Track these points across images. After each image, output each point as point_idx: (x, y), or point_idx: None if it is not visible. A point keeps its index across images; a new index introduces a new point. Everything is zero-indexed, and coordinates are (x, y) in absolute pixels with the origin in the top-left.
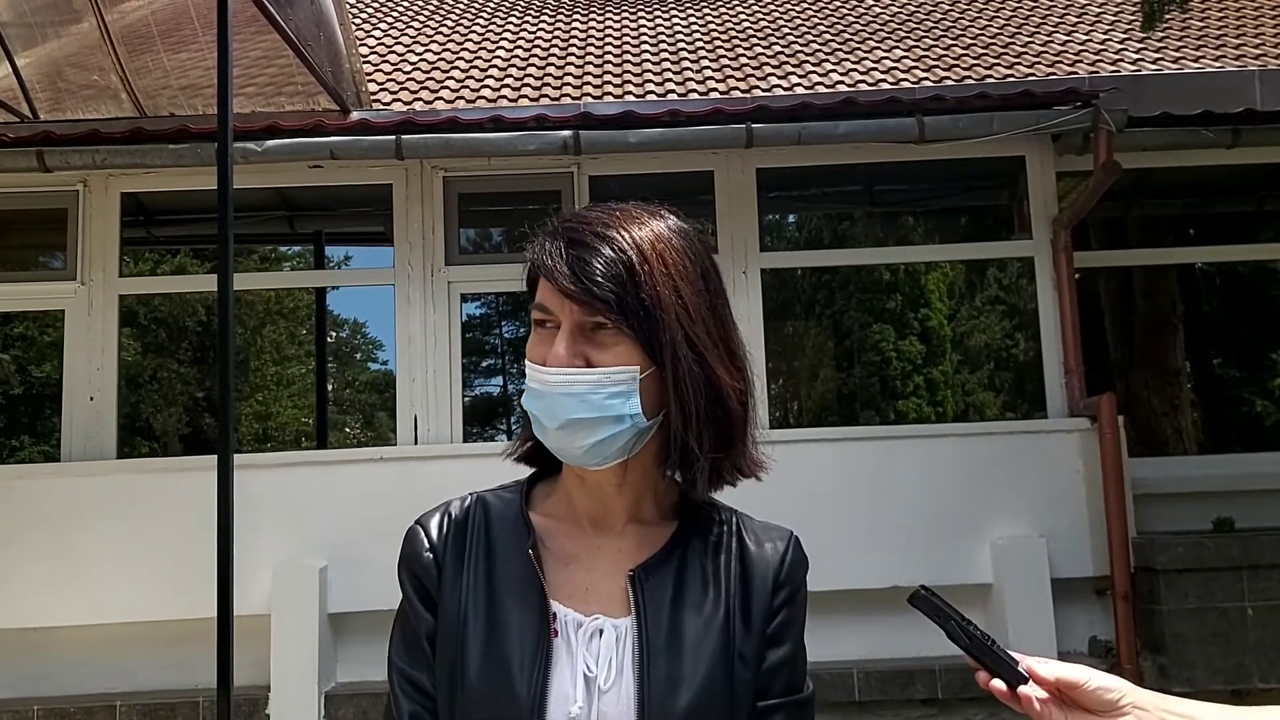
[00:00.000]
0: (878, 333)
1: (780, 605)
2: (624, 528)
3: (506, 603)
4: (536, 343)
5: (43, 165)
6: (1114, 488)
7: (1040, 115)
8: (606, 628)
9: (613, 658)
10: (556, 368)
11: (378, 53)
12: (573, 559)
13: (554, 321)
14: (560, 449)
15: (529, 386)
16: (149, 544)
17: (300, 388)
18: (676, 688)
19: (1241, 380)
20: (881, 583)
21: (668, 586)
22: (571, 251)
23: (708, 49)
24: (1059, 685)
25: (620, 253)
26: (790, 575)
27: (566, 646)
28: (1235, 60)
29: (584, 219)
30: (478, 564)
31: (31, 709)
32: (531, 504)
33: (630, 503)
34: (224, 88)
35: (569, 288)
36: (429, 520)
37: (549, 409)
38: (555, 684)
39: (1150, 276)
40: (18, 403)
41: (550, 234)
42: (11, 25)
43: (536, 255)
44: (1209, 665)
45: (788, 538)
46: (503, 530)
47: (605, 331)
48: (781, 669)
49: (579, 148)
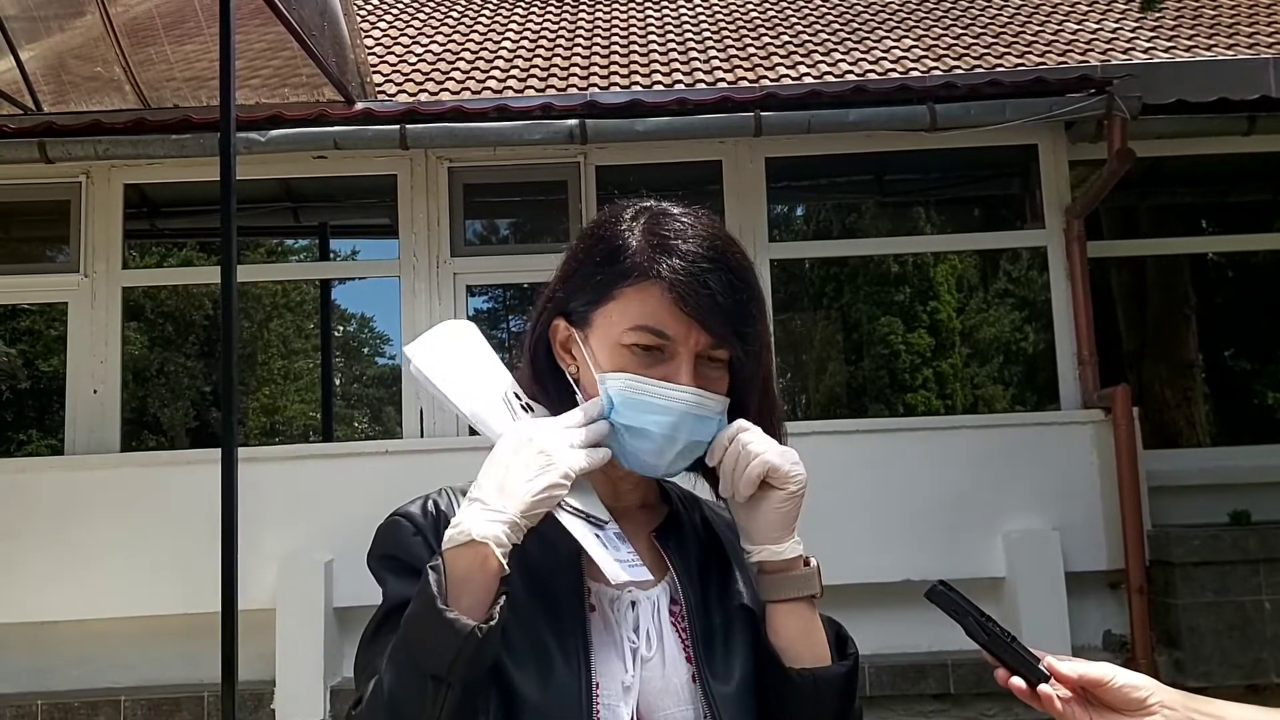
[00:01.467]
0: (887, 325)
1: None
2: (634, 512)
3: (532, 587)
4: (638, 363)
5: (45, 156)
6: (1128, 480)
7: (1053, 102)
8: (640, 599)
9: (650, 628)
10: (691, 389)
11: (383, 44)
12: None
13: (666, 348)
14: (658, 464)
15: (639, 400)
16: (153, 538)
17: (307, 381)
18: (712, 636)
19: (1255, 372)
20: (892, 576)
21: (685, 547)
22: (704, 273)
23: (715, 40)
24: (1082, 683)
25: (743, 281)
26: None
27: (604, 622)
28: (1249, 48)
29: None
30: None
31: (35, 704)
32: None
33: (642, 493)
34: (226, 77)
35: (711, 320)
36: (410, 509)
37: (675, 428)
38: (601, 659)
39: (1163, 266)
40: (25, 397)
41: (659, 237)
42: (16, 19)
43: (652, 264)
44: (1225, 660)
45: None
46: None
47: (712, 363)
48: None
49: (585, 137)
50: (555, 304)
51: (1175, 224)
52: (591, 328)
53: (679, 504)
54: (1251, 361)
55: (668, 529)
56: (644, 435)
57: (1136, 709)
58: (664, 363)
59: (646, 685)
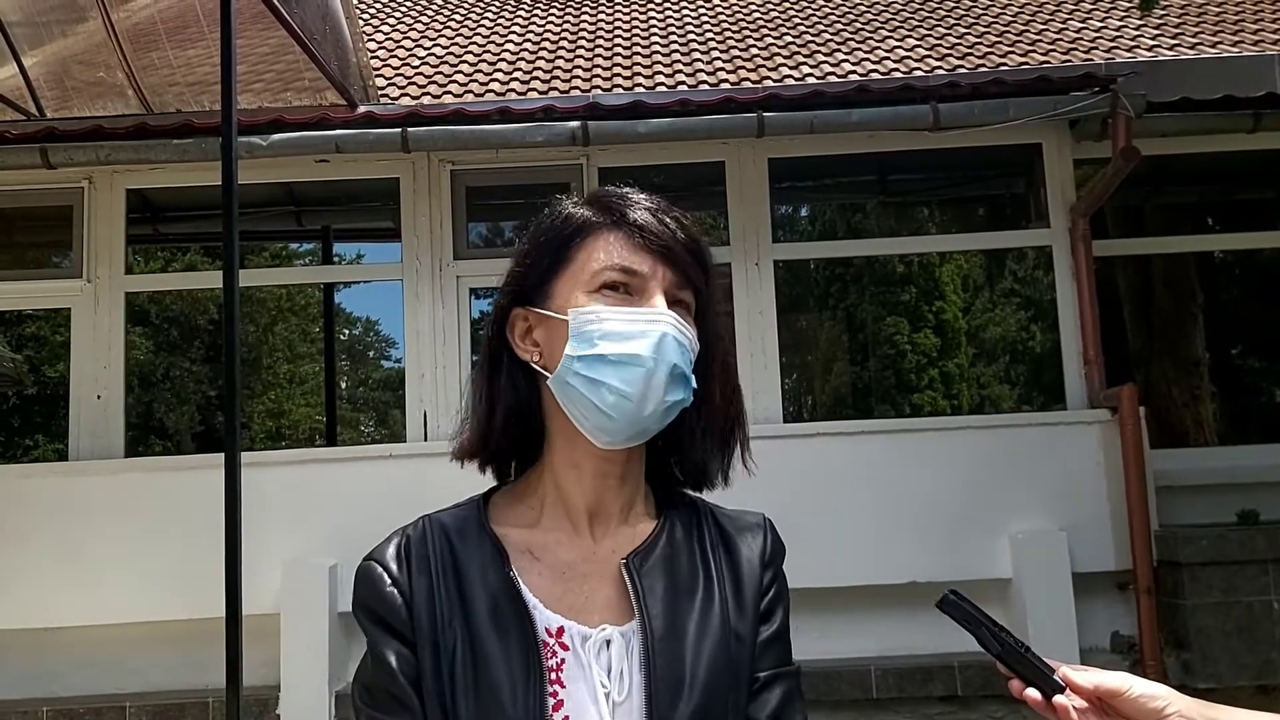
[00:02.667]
0: (892, 326)
1: (770, 582)
2: (616, 528)
3: (486, 630)
4: (609, 301)
5: (46, 162)
6: (1135, 480)
7: (1057, 101)
8: (614, 637)
9: (624, 668)
10: (669, 311)
11: (385, 48)
12: (568, 567)
13: (634, 286)
14: (642, 402)
15: (615, 330)
16: (157, 543)
17: (312, 385)
18: (681, 686)
19: (1262, 370)
20: (899, 578)
21: (661, 574)
22: (665, 218)
23: (717, 40)
24: (1098, 693)
25: (694, 230)
26: (774, 555)
27: (578, 662)
28: (1254, 45)
29: (630, 192)
30: (449, 591)
31: (40, 709)
32: (496, 518)
33: (627, 497)
34: (228, 81)
35: (677, 253)
36: (383, 553)
37: (658, 349)
38: (573, 704)
39: (1169, 265)
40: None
41: (613, 199)
42: (19, 24)
43: (606, 215)
44: (1234, 661)
45: (764, 521)
46: (469, 552)
47: (680, 307)
48: (775, 642)
49: (587, 139)
50: (508, 298)
51: (1181, 222)
52: (552, 297)
53: (672, 515)
54: (1259, 360)
55: (644, 553)
56: (625, 364)
57: (1154, 719)
58: (635, 303)
59: None
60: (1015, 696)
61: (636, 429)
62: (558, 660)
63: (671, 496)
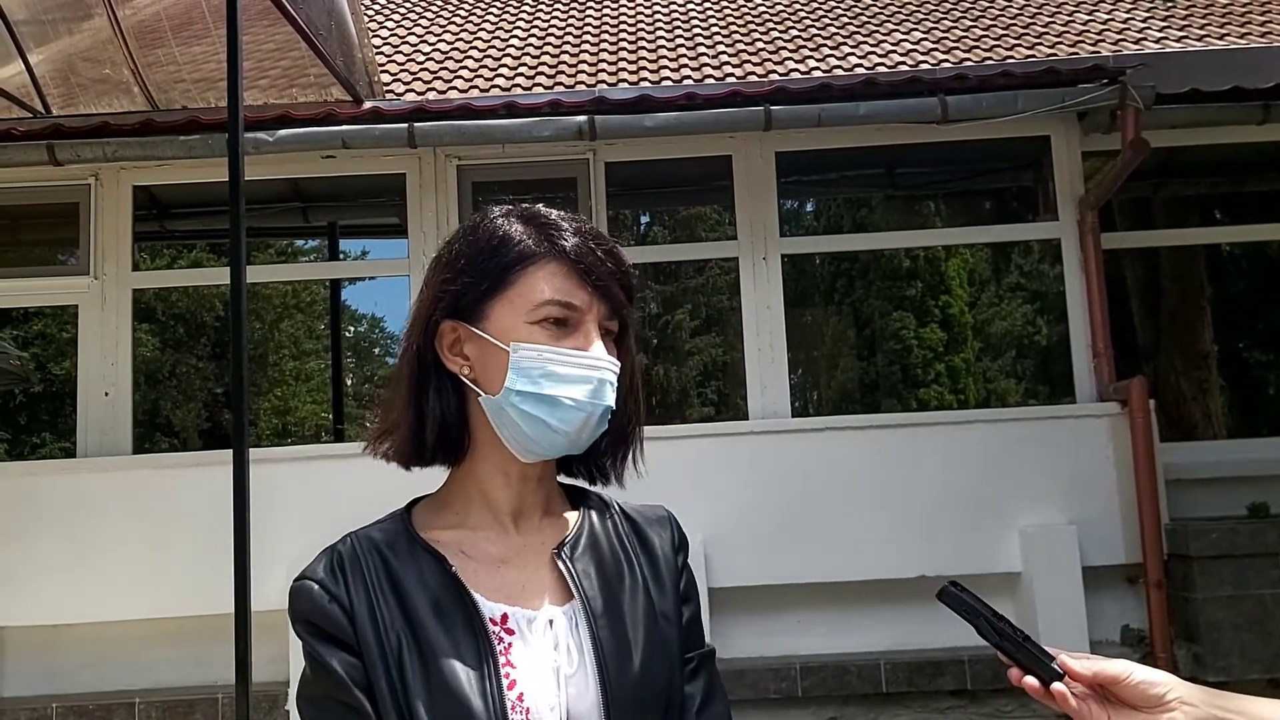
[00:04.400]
0: (898, 320)
1: (683, 566)
2: (540, 521)
3: (433, 628)
4: (550, 337)
5: (53, 159)
6: (1145, 473)
7: (1065, 93)
8: (556, 616)
9: (569, 643)
10: (605, 356)
11: (390, 44)
12: (502, 561)
13: (571, 320)
14: (575, 438)
15: (557, 372)
16: (166, 540)
17: (319, 382)
18: (627, 655)
19: (1271, 363)
20: (908, 573)
21: (590, 560)
22: (594, 250)
23: (724, 34)
24: (1098, 680)
25: (623, 259)
26: (682, 543)
27: (524, 643)
28: (1262, 37)
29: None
30: (387, 599)
31: (50, 706)
32: (422, 525)
33: (544, 496)
34: (234, 77)
35: (611, 289)
36: (316, 570)
37: (595, 395)
38: (526, 683)
39: (1178, 258)
40: (38, 400)
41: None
42: (25, 22)
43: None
44: (1244, 654)
45: (669, 514)
46: (402, 561)
47: (607, 335)
48: (695, 624)
49: (594, 133)
50: (440, 309)
51: (1190, 215)
52: (488, 319)
53: (588, 510)
54: (1268, 352)
55: (572, 543)
56: (562, 405)
57: (1155, 705)
58: (572, 335)
59: (575, 702)
60: (1015, 684)
61: (562, 453)
62: (505, 644)
63: (582, 493)
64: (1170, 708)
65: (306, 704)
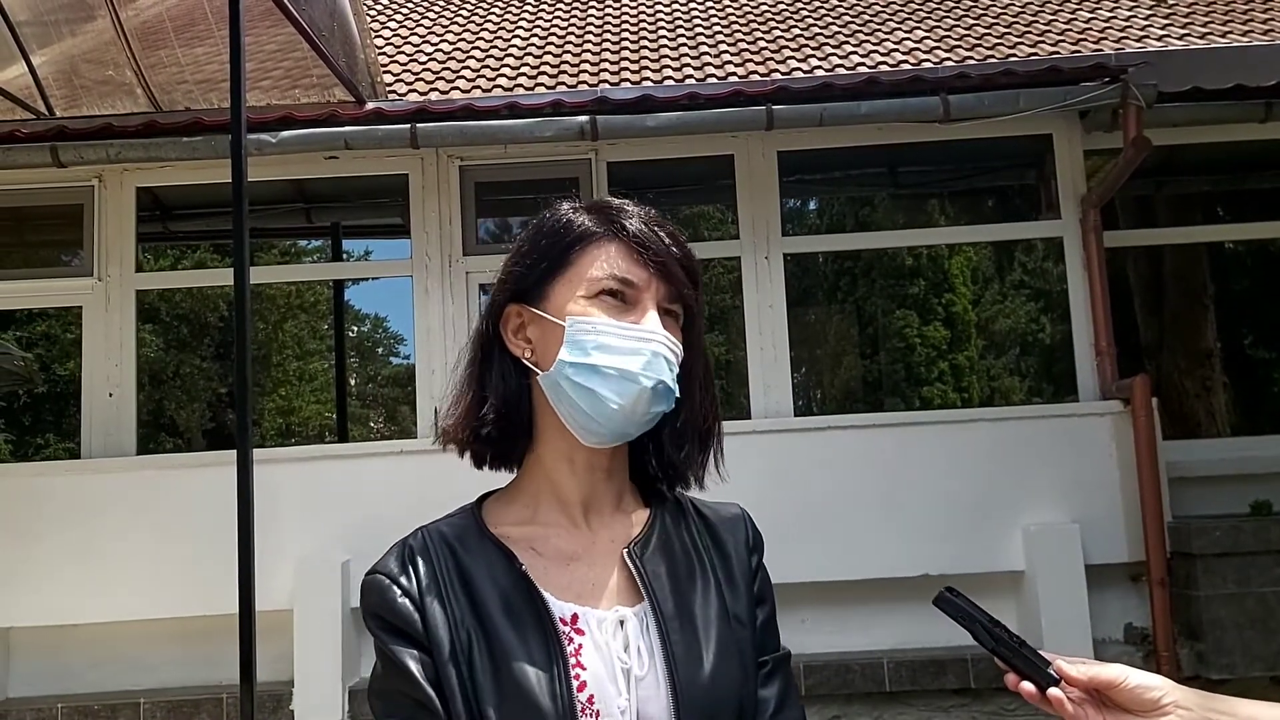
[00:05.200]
0: (901, 319)
1: (757, 566)
2: (611, 516)
3: (503, 626)
4: (607, 310)
5: (57, 160)
6: (1148, 471)
7: (1068, 91)
8: (628, 616)
9: (640, 644)
10: (661, 330)
11: (393, 44)
12: (572, 558)
13: (630, 296)
14: (627, 414)
15: (611, 344)
16: (170, 540)
17: (322, 382)
18: (698, 657)
19: (1274, 361)
20: (911, 571)
21: (661, 560)
22: (661, 234)
23: (725, 33)
24: (1093, 685)
25: (685, 244)
26: (757, 543)
27: (594, 644)
28: (1265, 35)
29: (626, 203)
30: (458, 595)
31: (55, 707)
32: (492, 519)
33: (616, 489)
34: (237, 78)
35: (671, 267)
36: (388, 564)
37: (649, 367)
38: (596, 685)
39: (1181, 256)
40: (43, 401)
41: (612, 210)
42: (28, 24)
43: (607, 226)
44: (1248, 652)
45: (743, 512)
46: (472, 556)
47: (669, 318)
48: (769, 625)
49: (596, 133)
50: (505, 294)
51: (1192, 213)
52: (548, 299)
53: (660, 507)
54: (1271, 350)
55: (643, 542)
56: (615, 377)
57: (1151, 710)
58: (630, 312)
59: (645, 705)
60: (1011, 689)
61: (619, 434)
62: (575, 645)
63: (656, 490)
64: (1165, 711)
65: (377, 698)
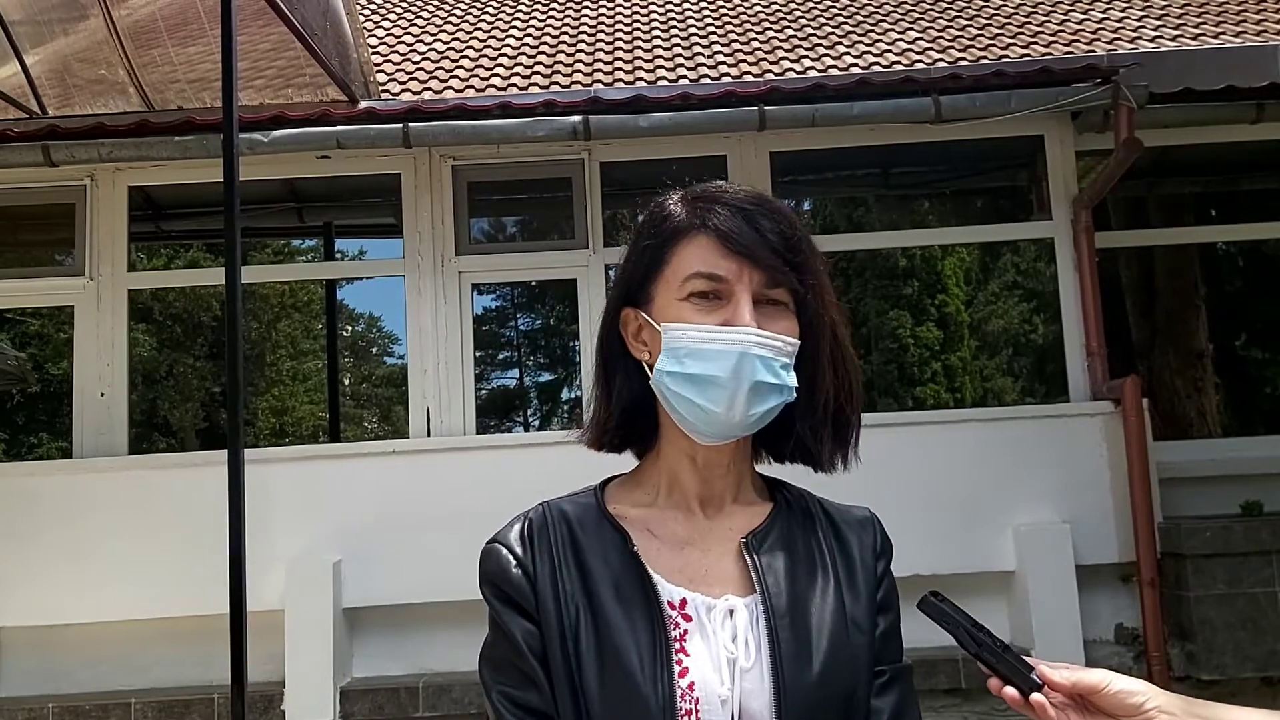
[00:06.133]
0: (895, 319)
1: (883, 574)
2: (730, 508)
3: (610, 605)
4: (697, 311)
5: (48, 160)
6: (1139, 472)
7: (1059, 92)
8: (738, 607)
9: (749, 636)
10: (749, 328)
11: (386, 44)
12: (687, 543)
13: (721, 291)
14: (727, 417)
15: (699, 349)
16: (162, 540)
17: (316, 382)
18: (807, 656)
19: (1266, 361)
20: (903, 571)
21: (779, 554)
22: (748, 219)
23: (719, 33)
24: (1076, 690)
25: (790, 225)
26: (885, 549)
27: (701, 631)
28: (1256, 36)
29: (728, 188)
30: (570, 572)
31: (47, 707)
32: (613, 501)
33: (735, 482)
34: (228, 78)
35: (762, 256)
36: (508, 535)
37: (737, 370)
38: (698, 671)
39: (1172, 256)
40: (35, 400)
41: (700, 199)
42: (20, 23)
43: (696, 218)
44: (1238, 652)
45: (873, 515)
46: (589, 534)
47: (772, 305)
48: (892, 635)
49: (589, 133)
50: (620, 296)
51: (1183, 213)
52: (653, 301)
53: (785, 502)
54: (1263, 351)
55: (761, 534)
56: (707, 383)
57: (1134, 715)
58: (723, 308)
59: (748, 698)
60: (995, 694)
61: (727, 434)
62: (681, 630)
63: (782, 485)
64: (1149, 716)
65: (486, 664)
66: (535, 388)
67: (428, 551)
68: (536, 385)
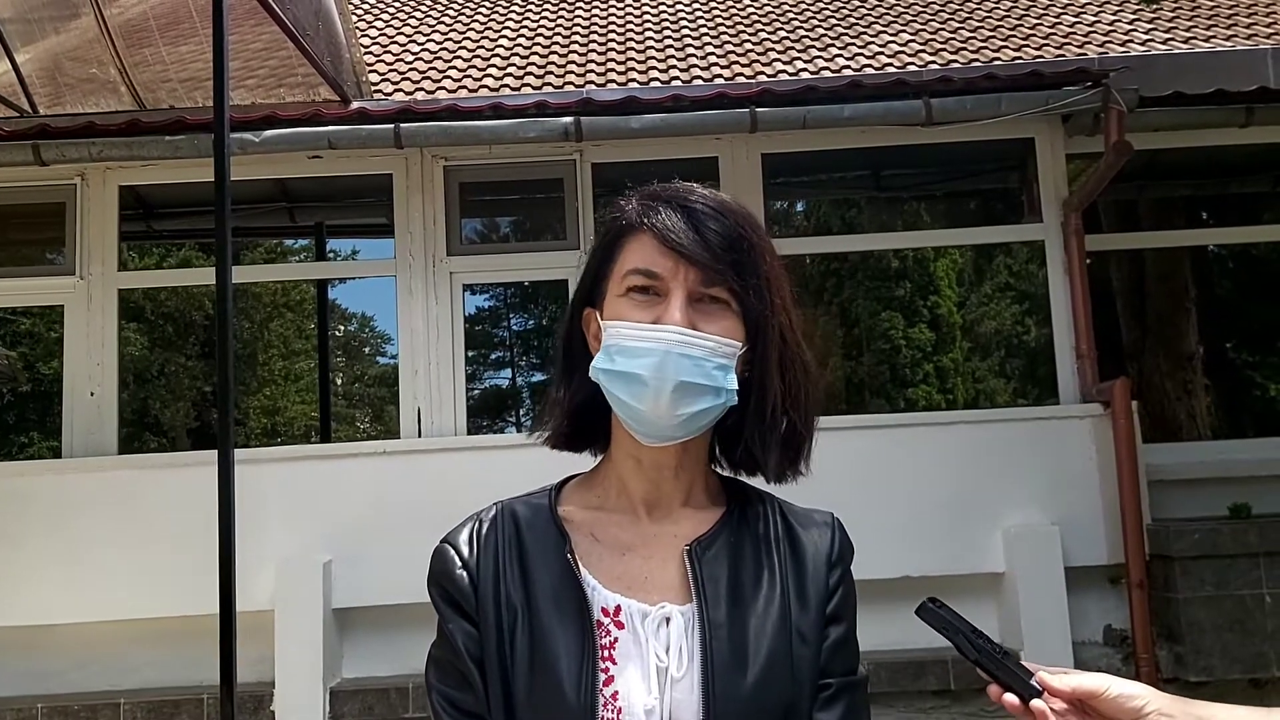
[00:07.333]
0: (887, 320)
1: (837, 584)
2: (678, 512)
3: (546, 609)
4: (633, 307)
5: (39, 159)
6: (1128, 474)
7: (1049, 96)
8: (674, 615)
9: (683, 645)
10: (674, 326)
11: (379, 44)
12: (629, 548)
13: (658, 288)
14: (655, 416)
15: (627, 346)
16: (152, 540)
17: (308, 382)
18: (741, 667)
19: (1255, 364)
20: (891, 573)
21: (723, 563)
22: (689, 217)
23: (712, 36)
24: (1076, 695)
25: (736, 225)
26: (841, 555)
27: (634, 639)
28: (1247, 39)
29: (683, 188)
30: (512, 574)
31: (35, 707)
32: (566, 502)
33: (685, 486)
34: (220, 77)
35: (696, 253)
36: (457, 536)
37: (660, 368)
38: (624, 681)
39: (1163, 259)
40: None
41: (650, 198)
42: (11, 21)
43: (640, 217)
44: (1226, 653)
45: (832, 520)
46: (535, 536)
47: (714, 304)
48: (841, 647)
49: (580, 134)
50: (581, 296)
51: (1174, 216)
52: (605, 298)
53: (739, 508)
54: (1252, 354)
55: (707, 541)
56: (633, 380)
57: (1133, 718)
58: (658, 305)
59: (678, 709)
60: (995, 701)
61: (661, 434)
62: (611, 638)
63: (741, 489)
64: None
65: (432, 664)
66: (526, 388)
67: (418, 552)
68: (528, 386)
